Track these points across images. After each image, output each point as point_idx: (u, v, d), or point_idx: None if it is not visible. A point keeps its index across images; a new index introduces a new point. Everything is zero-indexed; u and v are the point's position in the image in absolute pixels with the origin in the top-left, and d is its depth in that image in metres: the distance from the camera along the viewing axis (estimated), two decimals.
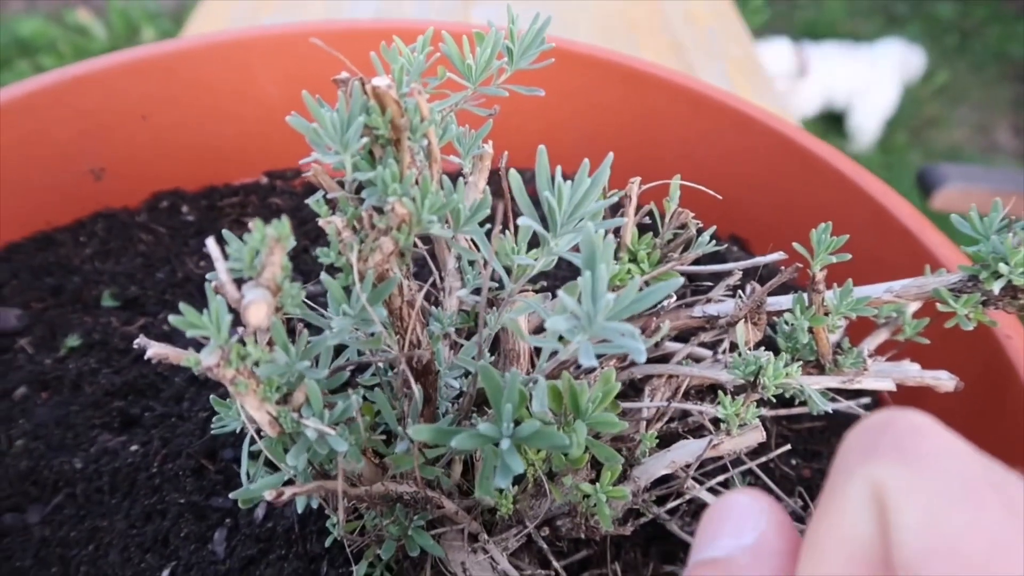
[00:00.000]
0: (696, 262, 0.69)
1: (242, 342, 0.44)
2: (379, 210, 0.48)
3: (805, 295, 0.59)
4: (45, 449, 0.73)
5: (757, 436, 0.57)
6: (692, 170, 1.01)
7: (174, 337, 0.83)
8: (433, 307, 0.68)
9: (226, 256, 0.42)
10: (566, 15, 1.82)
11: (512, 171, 0.50)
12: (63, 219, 0.96)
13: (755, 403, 0.56)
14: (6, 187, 0.89)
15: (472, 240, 0.68)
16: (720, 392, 0.58)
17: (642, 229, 0.67)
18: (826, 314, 0.58)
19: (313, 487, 0.47)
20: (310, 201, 0.51)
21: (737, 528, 0.29)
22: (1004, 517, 0.21)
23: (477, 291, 0.69)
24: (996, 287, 0.49)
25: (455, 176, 0.63)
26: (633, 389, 0.75)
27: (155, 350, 0.44)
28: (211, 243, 0.42)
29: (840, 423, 0.79)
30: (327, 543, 0.63)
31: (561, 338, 0.45)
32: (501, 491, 0.61)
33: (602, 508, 0.57)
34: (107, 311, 0.88)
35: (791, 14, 4.16)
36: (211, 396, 0.55)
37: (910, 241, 0.76)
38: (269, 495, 0.44)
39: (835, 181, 0.85)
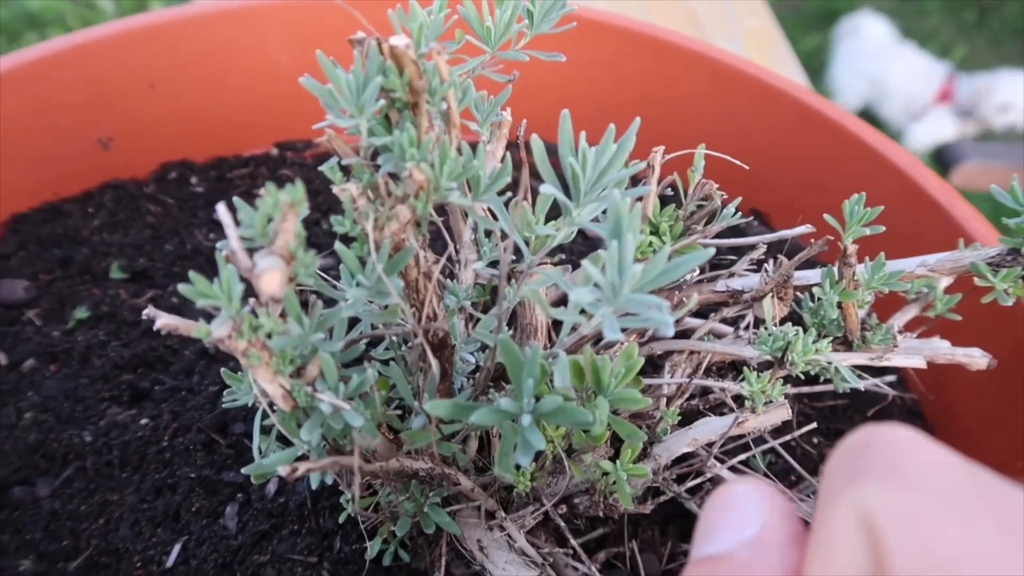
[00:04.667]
0: (717, 236, 0.67)
1: (254, 313, 0.42)
2: (395, 177, 0.46)
3: (835, 269, 0.57)
4: (54, 422, 0.72)
5: (783, 414, 0.55)
6: (713, 141, 0.99)
7: (184, 310, 0.82)
8: (448, 280, 0.66)
9: (237, 223, 0.40)
10: None
11: (535, 136, 0.48)
12: (71, 190, 0.95)
13: (780, 380, 0.54)
14: (13, 157, 0.87)
15: (490, 210, 0.66)
16: (745, 368, 0.56)
17: (663, 201, 0.65)
18: (856, 288, 0.56)
19: (328, 463, 0.46)
20: (324, 168, 0.49)
21: (738, 520, 0.28)
22: (996, 534, 0.20)
23: (493, 263, 0.67)
24: None
25: (472, 145, 0.61)
26: (651, 365, 0.74)
27: (164, 321, 0.43)
28: (221, 208, 0.40)
29: (863, 400, 0.77)
30: (341, 519, 0.62)
31: (583, 311, 0.43)
32: (519, 467, 0.60)
33: (622, 486, 0.56)
34: (115, 283, 0.86)
35: None
36: (222, 369, 0.54)
37: (940, 215, 0.74)
38: (283, 471, 0.43)
39: (862, 153, 0.83)
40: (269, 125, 1.05)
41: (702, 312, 0.73)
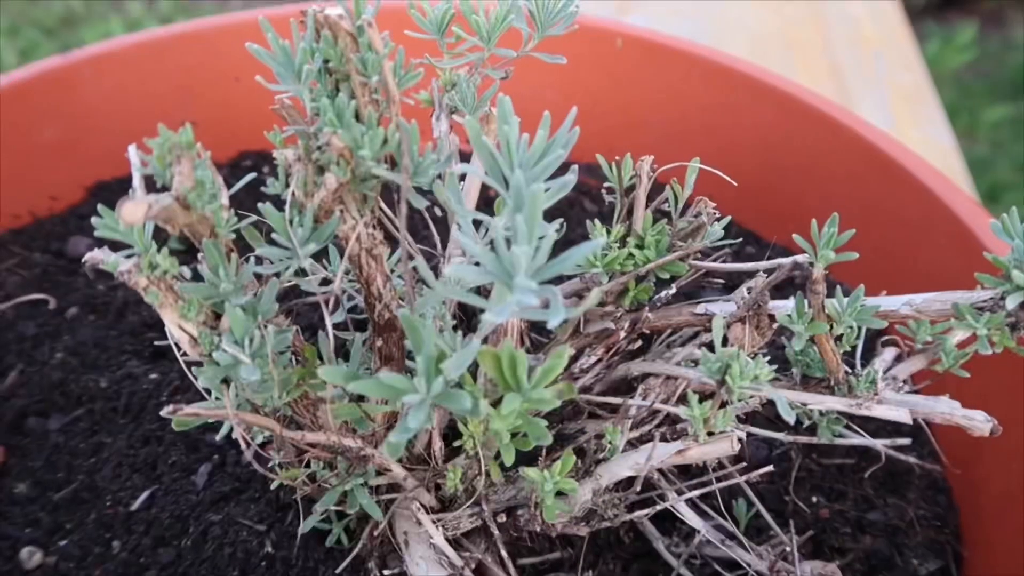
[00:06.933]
0: (723, 259, 0.63)
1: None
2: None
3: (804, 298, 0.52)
4: (78, 365, 0.78)
5: (726, 446, 0.50)
6: (769, 165, 0.94)
7: None
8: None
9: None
10: (723, 33, 1.74)
11: (469, 119, 0.48)
12: None
13: (723, 406, 0.50)
14: (105, 130, 0.97)
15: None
16: (689, 392, 0.52)
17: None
18: (828, 321, 0.51)
19: (226, 413, 0.47)
20: (269, 134, 0.51)
21: None
22: None
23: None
24: (1011, 302, 0.41)
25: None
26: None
27: (91, 254, 0.46)
28: (132, 149, 0.42)
29: (874, 462, 0.69)
30: (272, 486, 0.62)
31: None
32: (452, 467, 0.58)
33: (546, 496, 0.53)
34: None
35: (1002, 55, 3.70)
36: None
37: (970, 242, 0.66)
38: (166, 409, 0.44)
39: (892, 172, 0.75)
40: None
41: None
